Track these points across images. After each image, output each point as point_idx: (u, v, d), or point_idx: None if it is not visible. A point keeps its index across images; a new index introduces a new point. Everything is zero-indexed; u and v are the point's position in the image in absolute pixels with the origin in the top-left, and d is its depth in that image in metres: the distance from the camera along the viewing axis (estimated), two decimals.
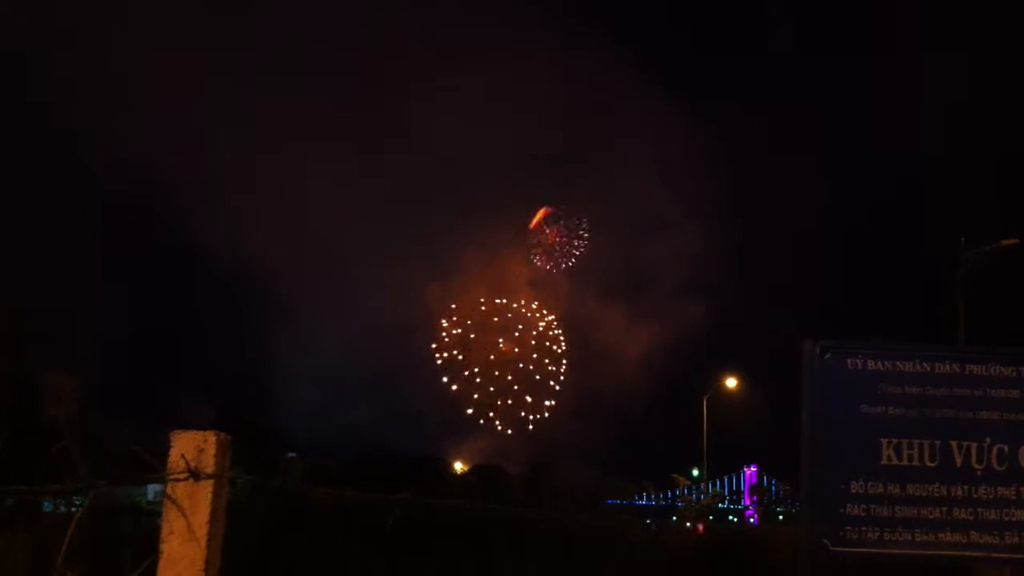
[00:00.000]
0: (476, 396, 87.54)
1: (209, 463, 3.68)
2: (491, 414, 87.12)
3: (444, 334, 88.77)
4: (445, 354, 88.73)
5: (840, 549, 5.89)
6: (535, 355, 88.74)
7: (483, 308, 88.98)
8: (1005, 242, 30.95)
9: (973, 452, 5.98)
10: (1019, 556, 5.94)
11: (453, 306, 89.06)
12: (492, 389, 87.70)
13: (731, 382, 53.80)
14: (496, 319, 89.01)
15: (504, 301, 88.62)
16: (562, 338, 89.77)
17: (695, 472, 58.08)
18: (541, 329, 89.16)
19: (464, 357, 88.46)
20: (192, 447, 3.69)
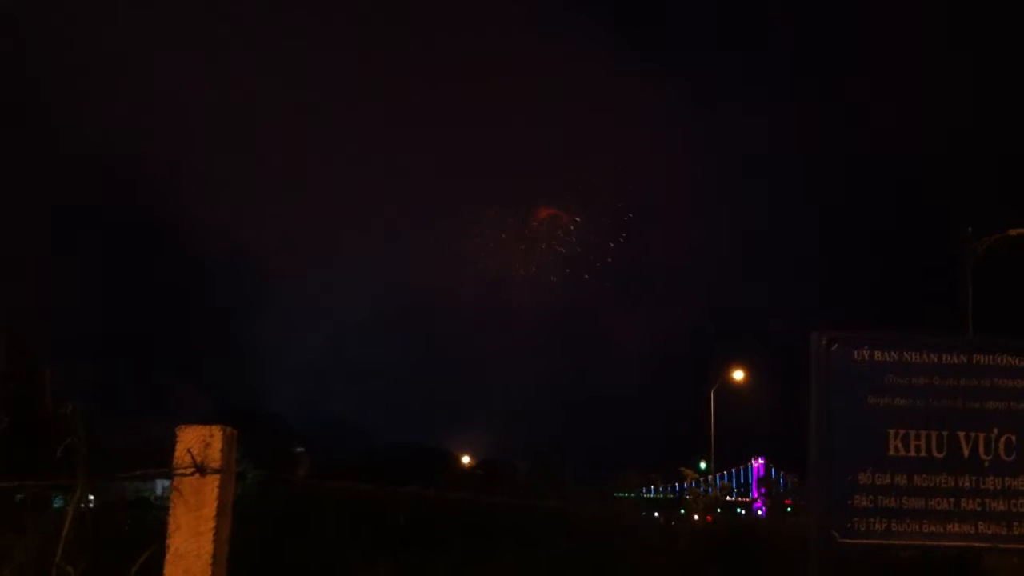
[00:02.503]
0: None
1: (215, 458, 3.68)
2: None
3: None
4: None
5: (848, 540, 5.89)
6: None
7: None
8: (1013, 231, 30.74)
9: (981, 443, 5.97)
10: None
11: None
12: None
13: (738, 374, 53.69)
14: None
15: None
16: None
17: (702, 465, 57.99)
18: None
19: None
20: (198, 441, 3.69)
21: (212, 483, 3.66)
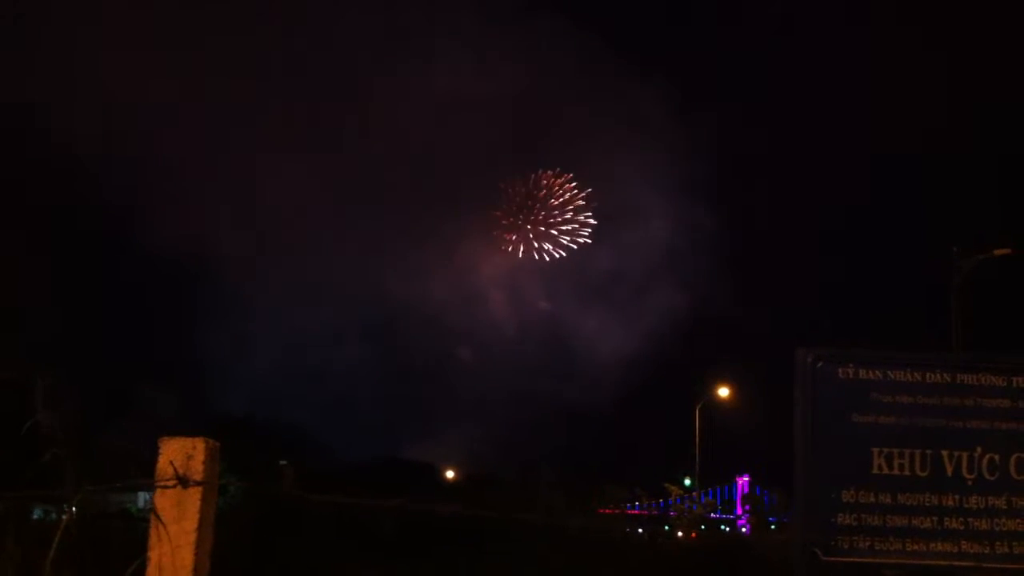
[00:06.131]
0: None
1: (198, 470, 3.67)
2: None
3: None
4: None
5: (831, 558, 5.89)
6: None
7: None
8: (997, 251, 30.87)
9: (964, 461, 5.99)
10: (1010, 566, 5.94)
11: None
12: None
13: (724, 391, 53.76)
14: None
15: None
16: None
17: (687, 481, 58.00)
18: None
19: None
20: (181, 454, 3.67)
21: (194, 495, 3.64)
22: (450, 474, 72.46)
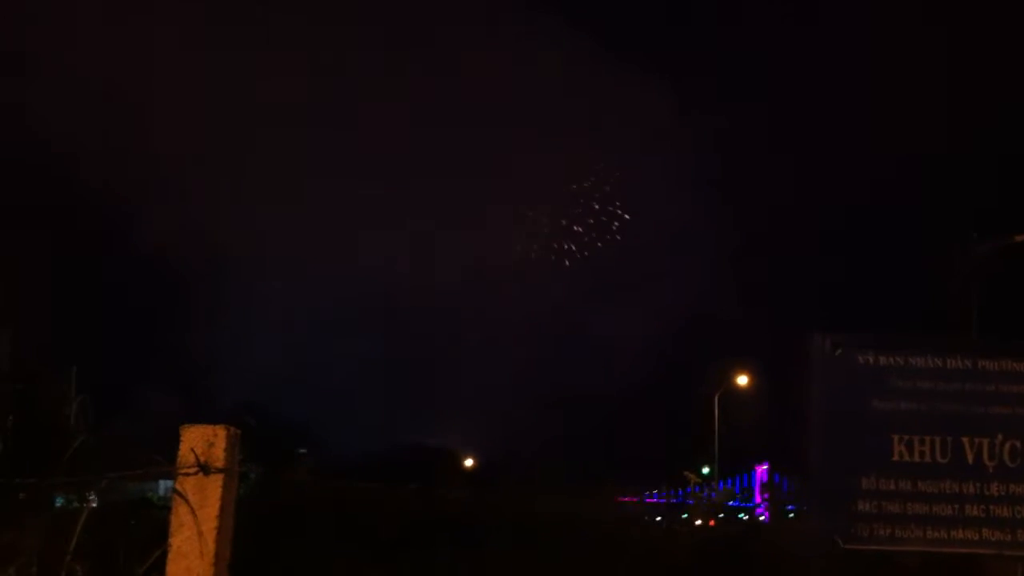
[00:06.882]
0: None
1: (219, 457, 3.69)
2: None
3: None
4: None
5: (851, 546, 5.87)
6: None
7: None
8: (1017, 237, 30.53)
9: (985, 448, 5.95)
10: None
11: None
12: None
13: (742, 379, 53.57)
14: None
15: None
16: None
17: (706, 470, 57.93)
18: None
19: None
20: (202, 441, 3.70)
21: (215, 482, 3.66)
22: (468, 461, 72.55)
